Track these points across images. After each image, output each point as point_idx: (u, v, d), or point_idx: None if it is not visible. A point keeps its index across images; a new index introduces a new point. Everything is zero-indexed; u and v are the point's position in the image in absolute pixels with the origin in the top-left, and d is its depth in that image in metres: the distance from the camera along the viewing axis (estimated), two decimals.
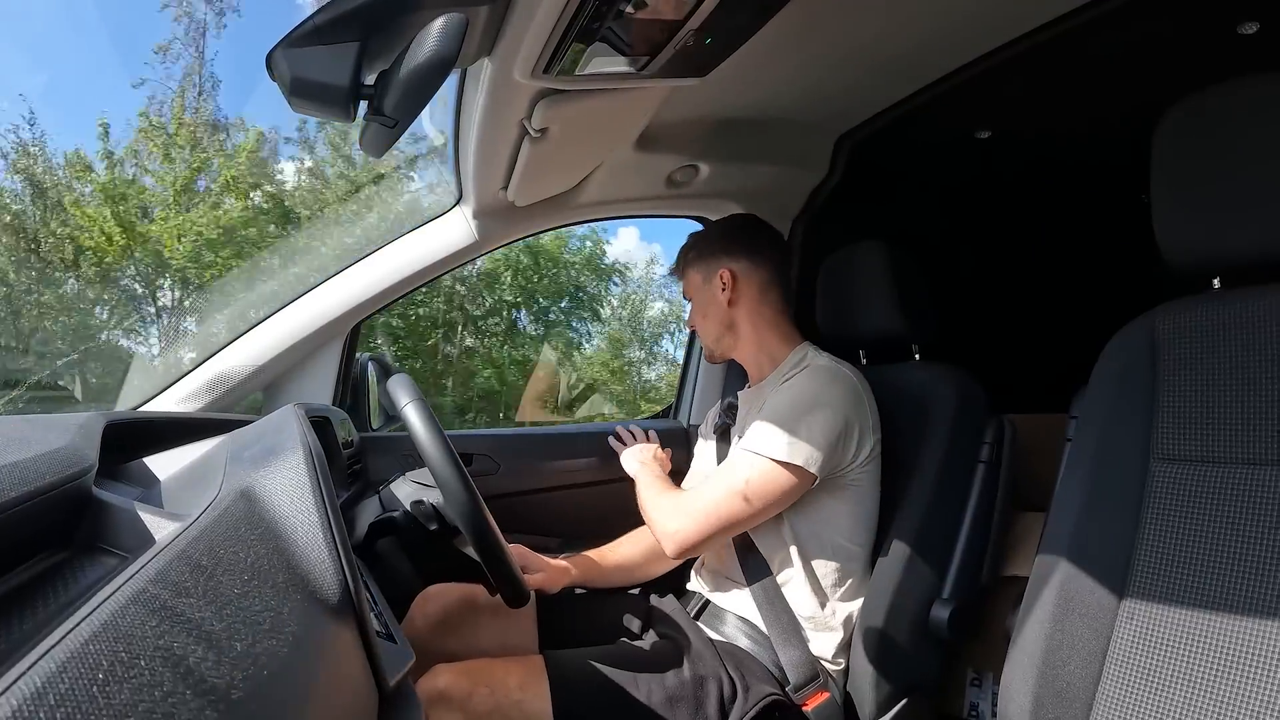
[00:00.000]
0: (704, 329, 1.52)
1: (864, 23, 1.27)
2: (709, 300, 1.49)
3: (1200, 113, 0.96)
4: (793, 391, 1.31)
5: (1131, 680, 0.90)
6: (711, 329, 1.50)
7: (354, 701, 0.56)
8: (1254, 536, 0.85)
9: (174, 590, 0.40)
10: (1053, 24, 1.31)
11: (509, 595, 1.02)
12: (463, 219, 1.66)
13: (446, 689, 1.11)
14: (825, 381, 1.31)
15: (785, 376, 1.39)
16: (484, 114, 1.14)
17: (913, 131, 1.79)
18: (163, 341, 11.13)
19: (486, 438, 1.93)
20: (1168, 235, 0.98)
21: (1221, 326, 0.93)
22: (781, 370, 1.43)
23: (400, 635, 0.78)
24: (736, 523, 1.25)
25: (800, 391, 1.30)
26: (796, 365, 1.41)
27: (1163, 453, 0.95)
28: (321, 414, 1.29)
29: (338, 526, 0.59)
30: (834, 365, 1.35)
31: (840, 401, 1.29)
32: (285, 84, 0.81)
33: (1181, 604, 0.88)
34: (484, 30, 0.92)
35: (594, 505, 1.90)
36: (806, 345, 1.46)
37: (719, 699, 1.17)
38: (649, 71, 1.01)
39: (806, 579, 1.31)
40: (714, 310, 1.49)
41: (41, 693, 0.28)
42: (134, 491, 0.77)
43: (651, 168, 1.67)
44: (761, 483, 1.24)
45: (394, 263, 1.66)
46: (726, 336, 1.50)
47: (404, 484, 1.13)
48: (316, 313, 1.63)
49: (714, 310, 1.49)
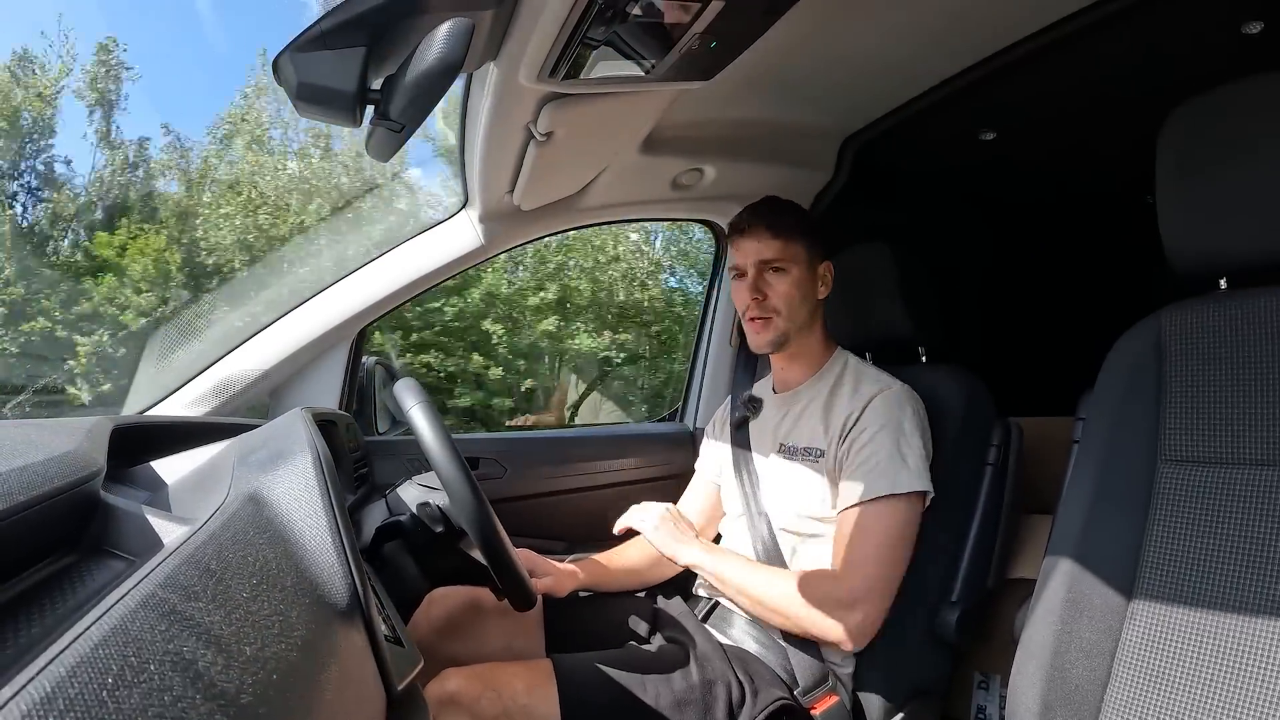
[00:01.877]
0: (795, 310, 1.39)
1: (869, 25, 1.27)
2: (809, 284, 1.41)
3: (1205, 113, 0.95)
4: (880, 420, 1.27)
5: (1140, 681, 0.89)
6: (800, 313, 1.40)
7: (363, 705, 0.56)
8: (1262, 537, 0.84)
9: (183, 594, 0.41)
10: (1057, 25, 1.31)
11: (516, 599, 1.02)
12: (469, 223, 1.66)
13: (455, 693, 1.11)
14: (907, 402, 1.31)
15: (834, 384, 1.39)
16: (490, 118, 1.14)
17: (918, 133, 1.78)
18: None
19: (493, 441, 1.93)
20: (1173, 236, 0.98)
21: (1228, 327, 0.93)
22: (825, 377, 1.42)
23: (408, 639, 0.79)
24: (902, 571, 1.24)
25: (888, 419, 1.27)
26: (844, 373, 1.40)
27: (1170, 454, 0.95)
28: (328, 418, 1.29)
29: (346, 531, 0.59)
30: (902, 384, 1.34)
31: (921, 417, 1.30)
32: (292, 89, 0.81)
33: (1190, 605, 0.88)
34: (490, 34, 0.92)
35: (600, 509, 1.89)
36: (846, 352, 1.46)
37: (727, 702, 1.16)
38: (654, 75, 1.01)
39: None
40: (810, 297, 1.41)
41: (51, 697, 0.29)
42: (142, 495, 0.77)
43: (657, 171, 1.67)
44: (906, 521, 1.23)
45: (400, 267, 1.67)
46: (805, 327, 1.42)
47: (410, 487, 1.13)
48: (323, 317, 1.63)
49: (810, 297, 1.41)
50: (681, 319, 11.67)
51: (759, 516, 1.39)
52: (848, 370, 1.41)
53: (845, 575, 1.22)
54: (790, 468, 1.37)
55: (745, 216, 1.41)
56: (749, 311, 1.40)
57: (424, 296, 2.27)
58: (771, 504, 1.39)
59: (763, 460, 1.45)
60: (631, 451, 2.01)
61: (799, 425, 1.40)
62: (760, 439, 1.48)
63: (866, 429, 1.27)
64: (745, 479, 1.45)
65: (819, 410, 1.37)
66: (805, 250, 1.39)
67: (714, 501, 1.59)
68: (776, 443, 1.42)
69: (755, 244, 1.38)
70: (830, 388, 1.39)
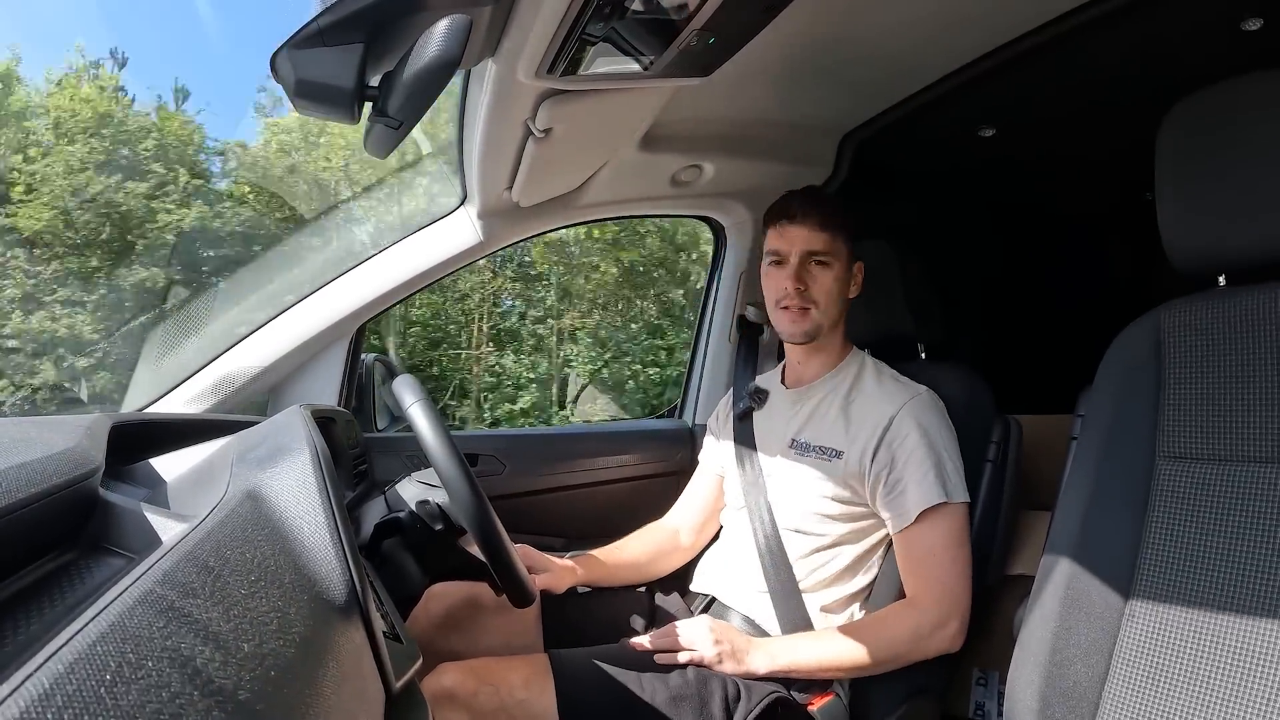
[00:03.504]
0: (832, 305, 1.38)
1: (868, 21, 1.27)
2: (845, 282, 1.40)
3: (1204, 110, 0.95)
4: (920, 429, 1.27)
5: (1138, 678, 0.89)
6: (836, 310, 1.39)
7: (361, 702, 0.56)
8: (1260, 534, 0.85)
9: (181, 591, 0.41)
10: (1056, 21, 1.30)
11: (515, 596, 1.03)
12: (467, 220, 1.66)
13: (452, 688, 1.11)
14: (940, 408, 1.32)
15: (852, 383, 1.39)
16: (488, 114, 1.14)
17: (917, 130, 1.78)
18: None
19: (492, 438, 1.94)
20: (1173, 233, 0.97)
21: (1227, 324, 0.93)
22: (841, 375, 1.42)
23: (407, 636, 0.79)
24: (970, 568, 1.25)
25: (928, 426, 1.28)
26: (863, 374, 1.40)
27: (1168, 450, 0.95)
28: (327, 415, 1.29)
29: (344, 527, 0.59)
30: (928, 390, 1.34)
31: (950, 423, 1.32)
32: (289, 86, 0.81)
33: (1188, 602, 0.88)
34: (488, 31, 0.92)
35: (599, 505, 1.90)
36: (862, 353, 1.46)
37: (723, 698, 1.17)
38: (653, 71, 1.01)
39: (832, 586, 1.32)
40: (844, 294, 1.40)
41: (49, 693, 0.29)
42: (140, 493, 0.77)
43: (656, 167, 1.67)
44: (962, 526, 1.25)
45: (399, 264, 1.67)
46: (835, 323, 1.41)
47: (409, 484, 1.13)
48: (322, 314, 1.63)
49: (844, 294, 1.40)
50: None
51: (762, 509, 1.39)
52: (866, 371, 1.40)
53: (925, 599, 1.23)
54: (800, 464, 1.37)
55: (796, 204, 1.38)
56: (787, 299, 1.38)
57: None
58: (777, 499, 1.38)
59: (769, 454, 1.44)
60: (630, 448, 2.01)
61: (813, 422, 1.39)
62: (768, 432, 1.47)
63: (909, 437, 1.26)
64: (748, 471, 1.45)
65: (837, 410, 1.36)
66: (846, 248, 1.39)
67: (716, 494, 1.58)
68: (787, 438, 1.41)
69: (804, 233, 1.36)
70: (848, 387, 1.38)
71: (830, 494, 1.31)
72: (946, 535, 1.23)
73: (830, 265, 1.37)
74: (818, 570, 1.32)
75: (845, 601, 1.32)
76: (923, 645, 1.21)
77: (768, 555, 1.35)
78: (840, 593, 1.32)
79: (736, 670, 1.21)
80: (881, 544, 1.33)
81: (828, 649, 1.22)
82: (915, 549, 1.24)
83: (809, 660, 1.22)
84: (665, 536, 1.60)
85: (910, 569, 1.25)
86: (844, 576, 1.32)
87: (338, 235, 3.58)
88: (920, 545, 1.24)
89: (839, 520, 1.31)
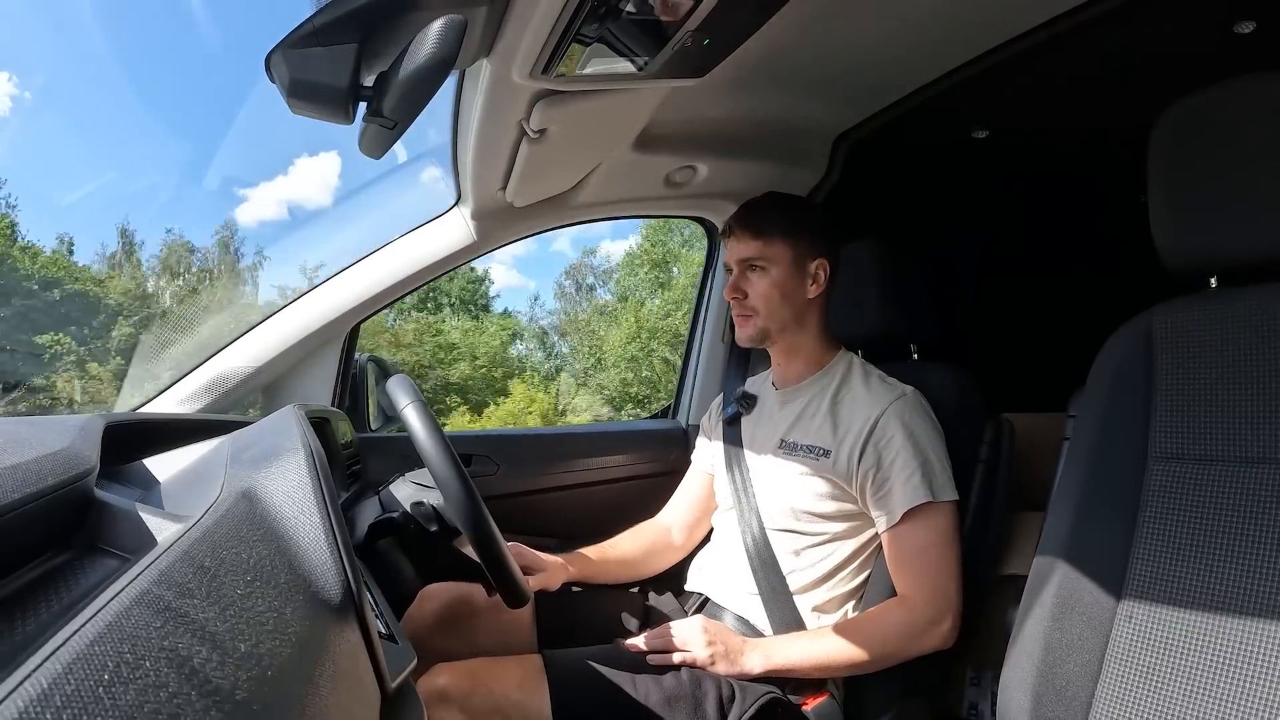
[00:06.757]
0: (775, 309, 1.39)
1: (861, 22, 1.27)
2: (794, 283, 1.39)
3: (1197, 112, 0.96)
4: (905, 429, 1.27)
5: (1131, 678, 0.90)
6: (784, 313, 1.39)
7: (357, 701, 0.56)
8: (1251, 534, 0.85)
9: (177, 591, 0.40)
10: (1050, 24, 1.31)
11: (509, 597, 1.02)
12: (461, 220, 1.66)
13: (446, 688, 1.11)
14: (925, 408, 1.32)
15: (839, 384, 1.39)
16: (482, 115, 1.14)
17: (910, 131, 1.79)
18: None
19: (486, 438, 1.93)
20: (1165, 235, 0.98)
21: (1218, 325, 0.93)
22: (828, 375, 1.42)
23: (402, 636, 0.79)
24: (960, 565, 1.25)
25: (913, 426, 1.28)
26: (850, 374, 1.40)
27: (1160, 451, 0.95)
28: (321, 414, 1.29)
29: (339, 527, 0.59)
30: (913, 390, 1.34)
31: (937, 423, 1.32)
32: (284, 86, 0.81)
33: (1180, 602, 0.89)
34: (483, 31, 0.92)
35: (593, 505, 1.90)
36: (850, 354, 1.46)
37: (717, 698, 1.17)
38: (647, 72, 1.01)
39: (823, 585, 1.33)
40: (796, 295, 1.39)
41: (48, 694, 0.29)
42: (135, 493, 0.77)
43: (650, 168, 1.68)
44: (951, 525, 1.25)
45: (392, 264, 1.67)
46: (792, 326, 1.41)
47: (404, 485, 1.13)
48: (316, 314, 1.63)
49: (796, 295, 1.39)
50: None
51: (750, 511, 1.39)
52: (853, 372, 1.41)
53: (917, 597, 1.23)
54: (788, 464, 1.37)
55: (735, 217, 1.43)
56: (733, 308, 1.43)
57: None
58: (765, 499, 1.39)
59: (758, 455, 1.45)
60: (624, 448, 2.01)
61: (801, 422, 1.39)
62: (758, 434, 1.47)
63: (894, 438, 1.27)
64: (737, 473, 1.45)
65: (825, 410, 1.36)
66: (789, 249, 1.39)
67: (708, 493, 1.59)
68: (777, 438, 1.41)
69: (738, 244, 1.41)
70: (836, 388, 1.38)
71: (821, 491, 1.32)
72: (935, 534, 1.23)
73: (766, 270, 1.39)
74: (809, 569, 1.32)
75: (838, 602, 1.32)
76: (917, 642, 1.22)
77: (756, 559, 1.35)
78: (832, 593, 1.32)
79: (730, 671, 1.21)
80: (874, 542, 1.33)
81: (821, 648, 1.23)
82: (904, 548, 1.25)
83: (802, 660, 1.22)
84: (657, 535, 1.60)
85: (900, 568, 1.25)
86: (836, 576, 1.32)
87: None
88: (909, 544, 1.24)
89: (830, 518, 1.32)
